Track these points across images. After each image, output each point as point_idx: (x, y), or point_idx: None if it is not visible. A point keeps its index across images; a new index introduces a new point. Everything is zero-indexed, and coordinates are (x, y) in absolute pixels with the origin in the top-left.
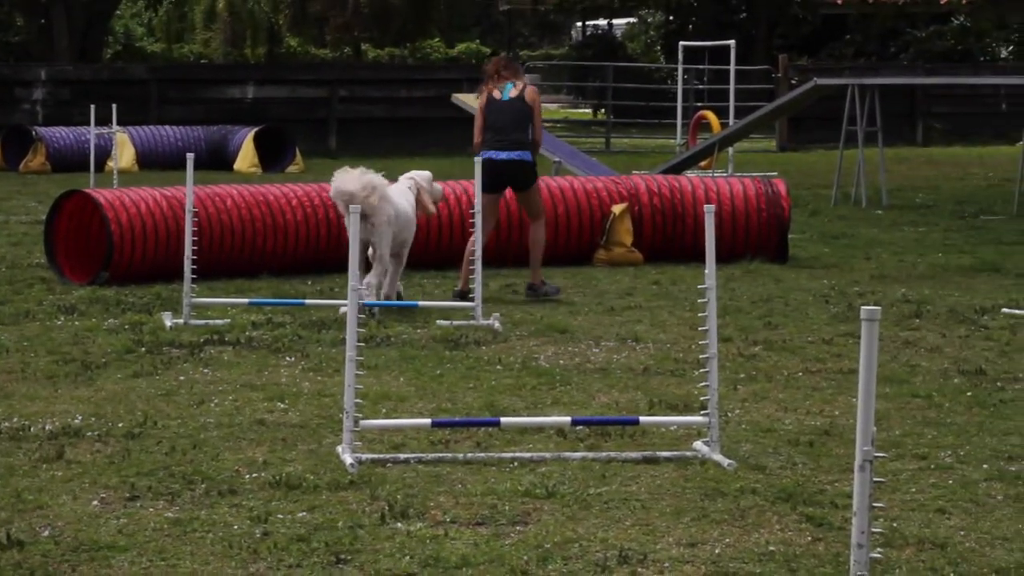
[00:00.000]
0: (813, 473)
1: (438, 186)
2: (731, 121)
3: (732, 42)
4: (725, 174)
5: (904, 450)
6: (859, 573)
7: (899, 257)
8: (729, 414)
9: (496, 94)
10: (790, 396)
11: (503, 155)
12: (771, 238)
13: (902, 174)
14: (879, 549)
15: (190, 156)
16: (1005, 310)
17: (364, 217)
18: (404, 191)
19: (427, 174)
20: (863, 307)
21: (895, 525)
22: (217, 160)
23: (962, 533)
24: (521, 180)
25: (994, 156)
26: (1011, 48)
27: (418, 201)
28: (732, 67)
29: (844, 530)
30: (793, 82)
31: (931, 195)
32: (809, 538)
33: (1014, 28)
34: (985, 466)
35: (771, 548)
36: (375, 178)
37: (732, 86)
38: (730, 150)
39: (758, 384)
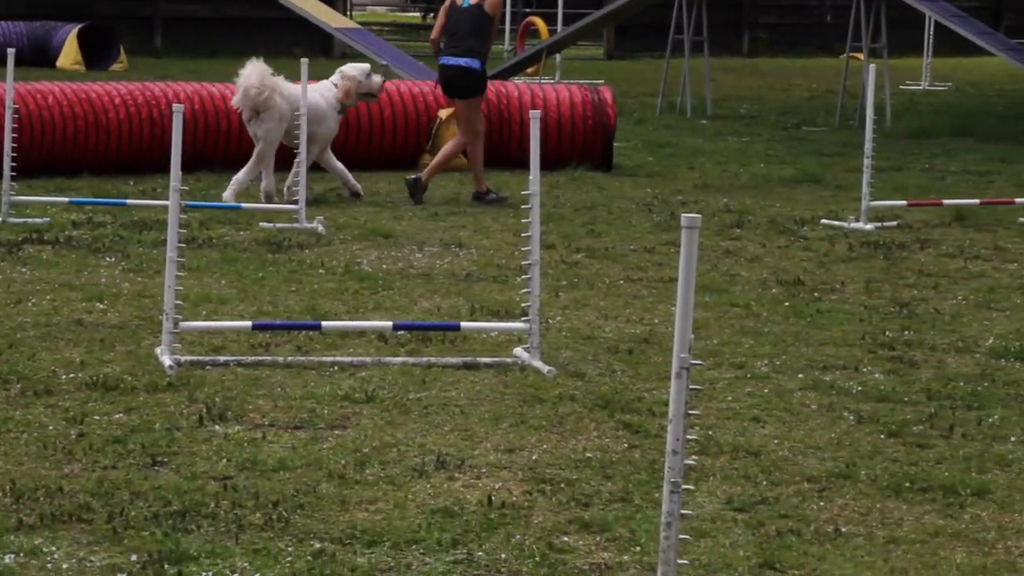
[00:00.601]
0: (631, 381)
1: (376, 77)
2: (559, 28)
3: None
4: (552, 81)
5: (722, 359)
6: (673, 479)
7: (722, 167)
8: (550, 321)
9: (458, 0)
10: (611, 304)
11: (451, 61)
12: (596, 146)
13: (728, 84)
14: (694, 456)
15: (11, 52)
16: (824, 221)
17: (256, 112)
18: (324, 87)
19: (362, 67)
20: (683, 215)
21: (711, 433)
22: (39, 57)
23: (776, 441)
24: (461, 87)
25: (818, 68)
26: None
27: (348, 93)
28: None
29: (660, 437)
30: None
31: (755, 106)
32: (625, 445)
33: None
34: (800, 376)
35: (588, 455)
36: (269, 77)
37: None
38: (557, 57)
39: (579, 292)
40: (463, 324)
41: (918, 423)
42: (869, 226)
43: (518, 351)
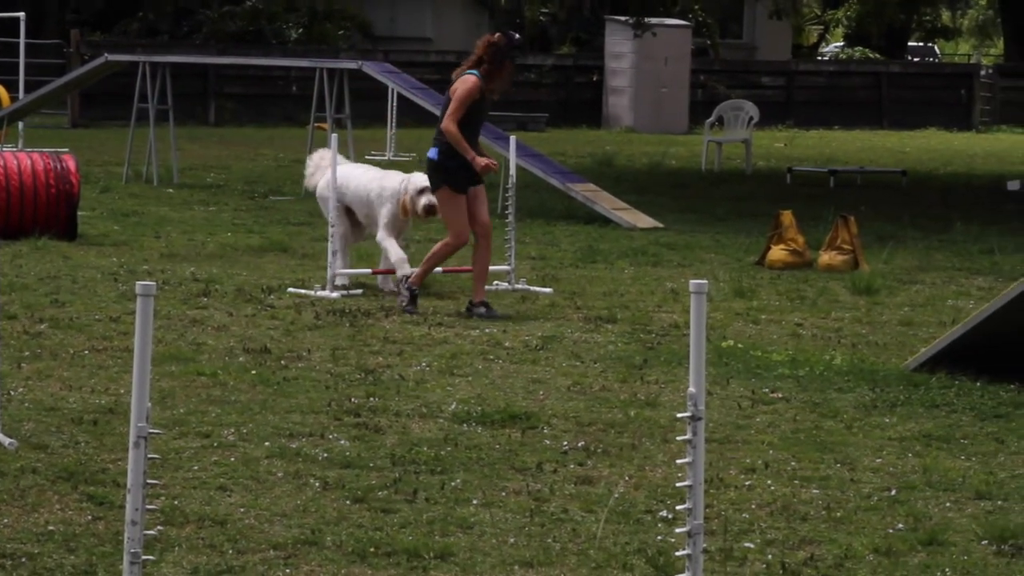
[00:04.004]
0: (96, 451)
1: (423, 199)
2: (21, 95)
3: (22, 15)
4: (14, 148)
5: (188, 428)
6: (133, 550)
7: (189, 236)
8: (12, 392)
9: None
10: (75, 374)
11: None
12: (60, 214)
13: (194, 153)
14: (159, 526)
15: None
16: (291, 289)
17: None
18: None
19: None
20: (138, 283)
21: (176, 503)
22: None
23: (242, 510)
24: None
25: (284, 137)
26: (300, 31)
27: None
28: (22, 40)
29: (125, 508)
30: (86, 57)
31: (222, 174)
32: (90, 517)
33: (303, 12)
34: (267, 443)
35: (51, 528)
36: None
37: (22, 60)
38: (20, 124)
39: (43, 362)
40: None
41: (383, 488)
42: (335, 294)
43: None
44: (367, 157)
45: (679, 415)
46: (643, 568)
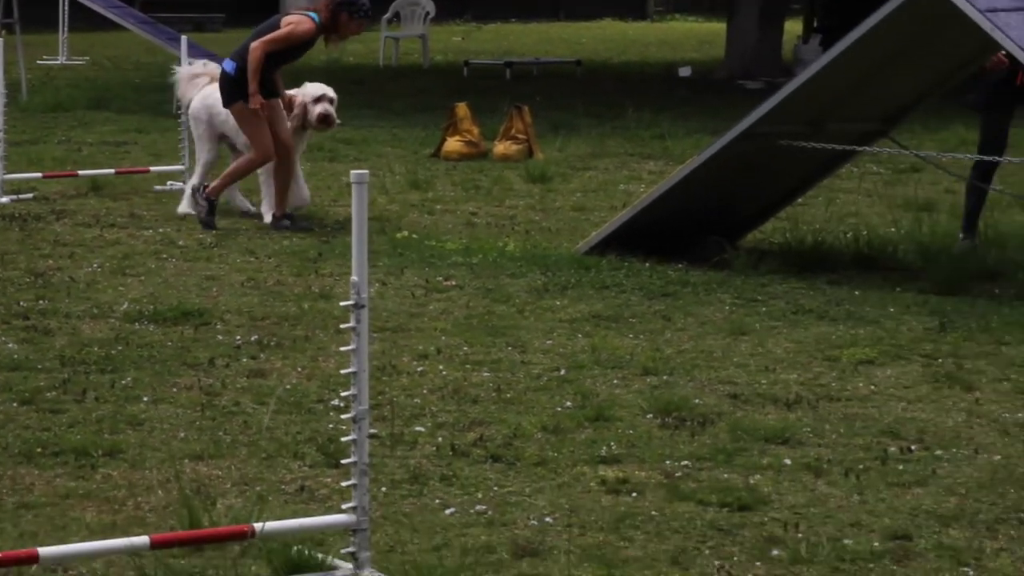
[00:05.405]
0: None
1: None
2: None
3: None
4: None
5: None
6: None
7: None
8: None
9: None
10: None
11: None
12: None
13: None
14: None
15: None
16: None
17: None
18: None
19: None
20: None
21: None
22: None
23: None
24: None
25: None
26: None
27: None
28: None
29: None
30: None
31: None
32: None
33: None
34: None
35: None
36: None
37: None
38: None
39: None
40: None
41: (51, 389)
42: (5, 199)
43: None
44: (39, 62)
45: (342, 303)
46: (314, 456)
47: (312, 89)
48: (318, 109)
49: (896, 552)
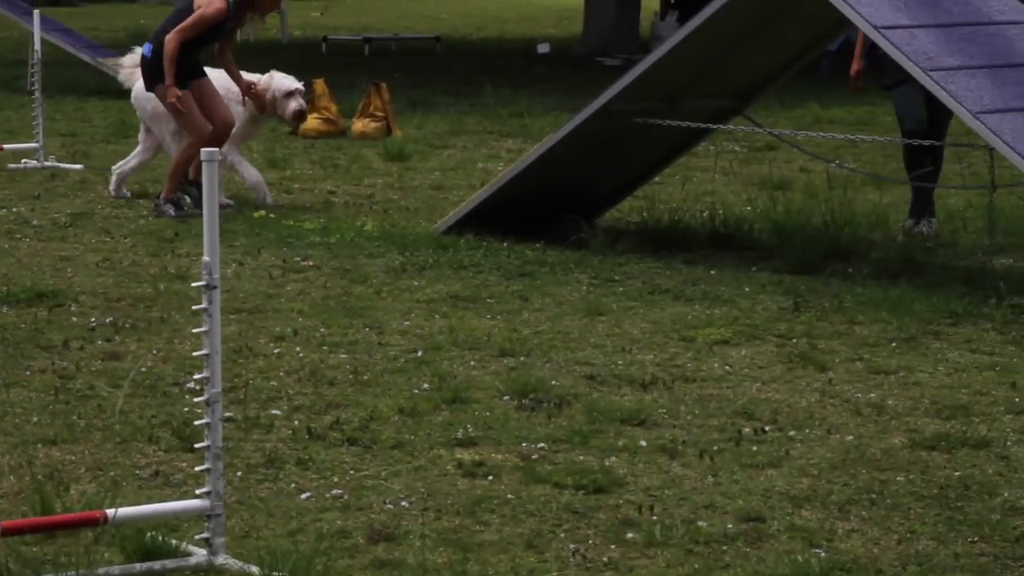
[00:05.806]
0: None
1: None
2: None
3: None
4: None
5: None
6: None
7: None
8: None
9: None
10: None
11: None
12: None
13: None
14: None
15: None
16: None
17: None
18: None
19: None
20: None
21: None
22: None
23: None
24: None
25: None
26: None
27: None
28: None
29: None
30: None
31: None
32: None
33: None
34: None
35: None
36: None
37: None
38: None
39: None
40: None
41: None
42: None
43: None
44: None
45: (194, 284)
46: (169, 439)
47: (283, 82)
48: (292, 105)
49: (749, 534)
